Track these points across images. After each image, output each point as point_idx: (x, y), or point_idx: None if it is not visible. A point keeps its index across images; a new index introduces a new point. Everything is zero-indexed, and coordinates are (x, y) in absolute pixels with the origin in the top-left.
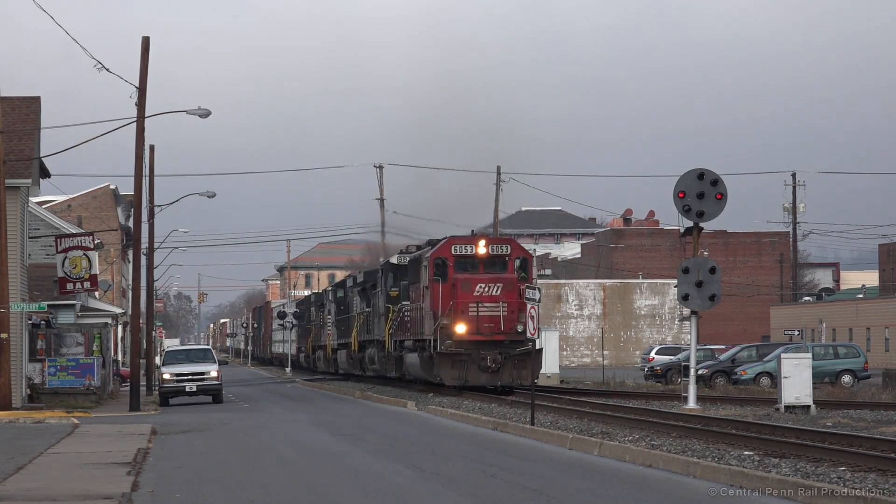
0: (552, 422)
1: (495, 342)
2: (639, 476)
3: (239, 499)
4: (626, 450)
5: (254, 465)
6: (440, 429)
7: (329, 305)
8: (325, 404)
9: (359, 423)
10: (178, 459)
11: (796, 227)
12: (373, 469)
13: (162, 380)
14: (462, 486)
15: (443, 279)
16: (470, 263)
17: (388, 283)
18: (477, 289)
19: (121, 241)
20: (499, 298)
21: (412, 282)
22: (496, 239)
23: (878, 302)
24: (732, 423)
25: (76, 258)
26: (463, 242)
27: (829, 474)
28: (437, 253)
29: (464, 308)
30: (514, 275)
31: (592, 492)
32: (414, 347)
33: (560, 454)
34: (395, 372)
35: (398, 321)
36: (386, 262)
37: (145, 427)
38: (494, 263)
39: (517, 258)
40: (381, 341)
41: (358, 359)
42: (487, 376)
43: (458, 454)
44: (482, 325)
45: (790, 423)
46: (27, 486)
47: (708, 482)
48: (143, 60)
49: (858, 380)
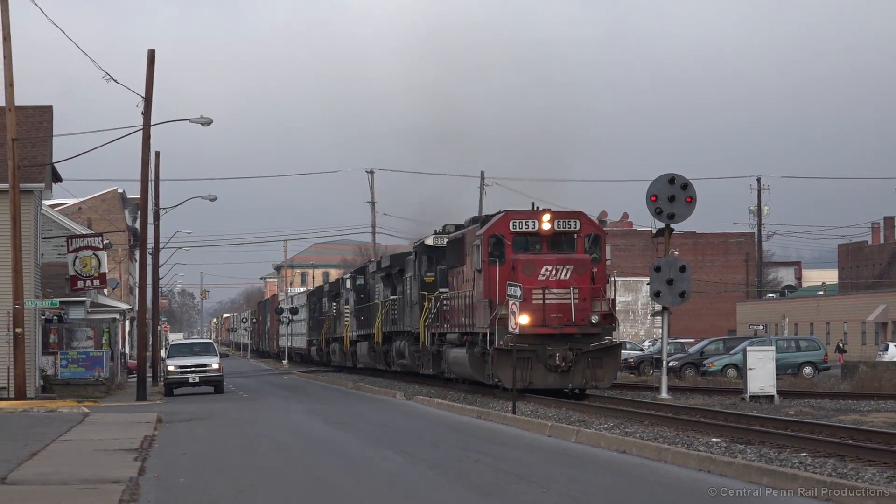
0: (532, 410)
1: (565, 336)
2: (613, 461)
3: (239, 483)
4: (602, 437)
5: (253, 451)
6: (427, 417)
7: (347, 294)
8: (319, 394)
9: (351, 412)
10: (181, 446)
11: (761, 228)
12: (364, 455)
13: (167, 371)
14: (448, 470)
15: (500, 261)
16: (532, 242)
17: (421, 268)
18: (542, 272)
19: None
20: (568, 283)
21: (452, 265)
22: (563, 213)
23: (837, 298)
24: (701, 412)
25: (86, 258)
26: (523, 217)
27: (791, 459)
28: (493, 229)
29: (526, 295)
30: (585, 255)
31: (570, 476)
32: (460, 342)
33: (540, 441)
34: (431, 369)
35: (435, 311)
36: (419, 244)
37: (151, 416)
38: (561, 242)
39: (587, 235)
40: (414, 333)
41: (382, 352)
42: (556, 377)
43: (444, 441)
44: (549, 315)
45: (755, 411)
46: (41, 471)
47: (678, 467)
48: (149, 72)
49: (819, 371)
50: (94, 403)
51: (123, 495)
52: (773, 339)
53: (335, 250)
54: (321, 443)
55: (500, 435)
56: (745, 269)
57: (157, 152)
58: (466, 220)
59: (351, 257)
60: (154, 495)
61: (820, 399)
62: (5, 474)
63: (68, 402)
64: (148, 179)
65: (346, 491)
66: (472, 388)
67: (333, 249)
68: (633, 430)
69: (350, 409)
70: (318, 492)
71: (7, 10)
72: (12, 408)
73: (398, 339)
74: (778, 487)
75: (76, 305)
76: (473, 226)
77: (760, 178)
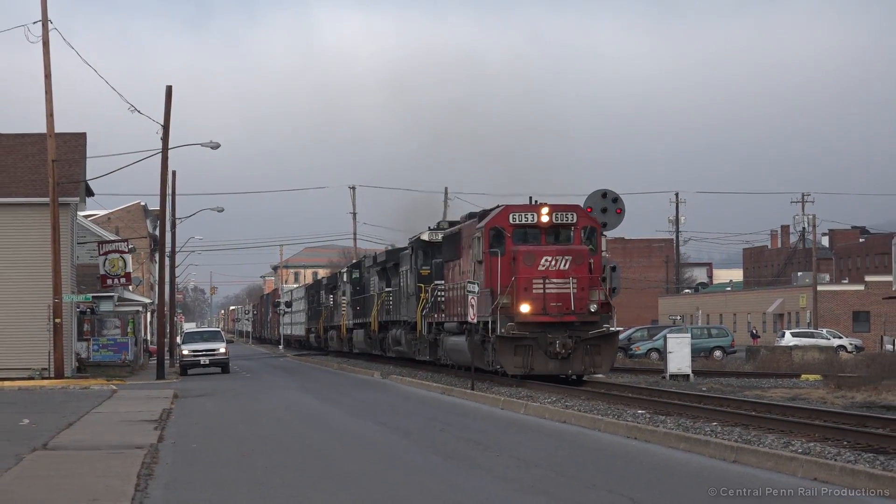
0: (488, 388)
1: (564, 324)
2: (555, 430)
3: (241, 447)
4: (546, 409)
5: (254, 421)
6: (400, 393)
7: (343, 286)
8: (309, 374)
9: (337, 389)
10: (194, 417)
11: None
12: (348, 425)
13: (182, 355)
14: (418, 438)
15: (501, 252)
16: (531, 234)
17: (417, 262)
18: (542, 262)
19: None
20: (567, 273)
21: (448, 259)
22: (561, 206)
23: (742, 294)
24: (629, 389)
25: (114, 260)
26: (522, 210)
27: (703, 428)
28: (493, 222)
29: (527, 284)
30: (583, 246)
31: (519, 442)
32: (458, 330)
33: (494, 413)
34: (427, 356)
35: (432, 302)
36: (416, 239)
37: (168, 392)
38: (558, 234)
39: (584, 227)
40: (410, 322)
41: (378, 339)
42: (556, 364)
43: (414, 413)
44: (549, 304)
45: (674, 388)
46: (76, 438)
47: (610, 435)
48: (167, 104)
49: (727, 354)
50: (120, 382)
51: (146, 458)
52: (688, 327)
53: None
54: (311, 415)
55: (461, 408)
56: (665, 268)
57: (174, 171)
58: (462, 217)
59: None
60: (171, 459)
61: (728, 377)
62: (47, 440)
63: (99, 381)
64: (166, 194)
65: (332, 455)
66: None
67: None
68: (571, 403)
69: (335, 386)
70: (308, 455)
71: (48, 53)
72: (52, 385)
73: (394, 327)
74: (693, 452)
75: (106, 300)
76: (470, 221)
77: (678, 193)
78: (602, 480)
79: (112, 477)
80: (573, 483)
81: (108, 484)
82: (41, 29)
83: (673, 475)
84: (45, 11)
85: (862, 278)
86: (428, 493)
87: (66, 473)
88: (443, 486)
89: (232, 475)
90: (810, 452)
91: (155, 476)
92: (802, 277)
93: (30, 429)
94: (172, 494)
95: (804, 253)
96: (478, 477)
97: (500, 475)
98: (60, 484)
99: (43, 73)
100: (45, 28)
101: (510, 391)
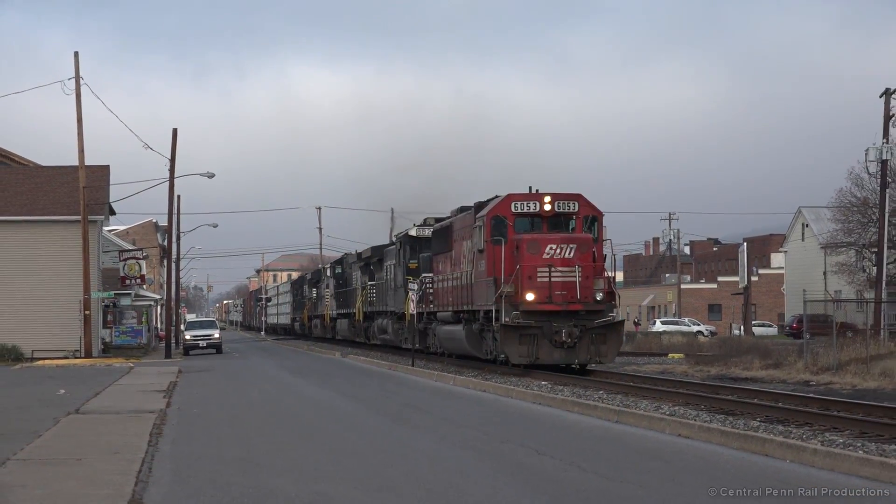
0: (425, 365)
1: (570, 313)
2: (476, 397)
3: (232, 412)
4: (470, 381)
5: (241, 391)
6: (356, 369)
7: (327, 280)
8: (285, 354)
9: (306, 366)
10: (194, 388)
11: None
12: (314, 393)
13: (185, 339)
14: (369, 404)
15: (503, 241)
16: (532, 223)
17: (405, 256)
18: (547, 251)
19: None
20: (573, 262)
21: (438, 251)
22: (563, 195)
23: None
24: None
25: (131, 264)
26: (524, 199)
27: (593, 395)
28: (495, 211)
29: (532, 273)
30: (587, 235)
31: (448, 406)
32: (454, 319)
33: (430, 384)
34: (419, 344)
35: (421, 293)
36: (403, 235)
37: (174, 368)
38: (560, 222)
39: (585, 216)
40: (398, 313)
41: (363, 328)
42: (562, 353)
43: (366, 385)
44: (554, 292)
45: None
46: (102, 405)
47: (520, 401)
48: (173, 143)
49: None
50: (136, 360)
51: (156, 419)
52: None
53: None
54: (285, 385)
55: (403, 380)
56: None
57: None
58: (452, 211)
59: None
60: (176, 420)
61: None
62: (79, 406)
63: (120, 360)
64: (172, 213)
65: (302, 416)
66: (463, 361)
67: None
68: (490, 377)
69: (306, 364)
70: (283, 416)
71: (80, 103)
72: (83, 363)
73: (378, 317)
74: (585, 414)
75: (125, 296)
76: (462, 214)
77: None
78: (514, 436)
79: (130, 435)
80: (491, 439)
81: (126, 440)
82: (74, 84)
83: (568, 432)
84: (78, 70)
85: (715, 278)
86: (377, 446)
87: (94, 431)
88: (389, 439)
89: (224, 431)
90: (675, 414)
91: (163, 434)
92: (669, 278)
93: (65, 397)
94: (177, 448)
95: (671, 259)
96: (419, 434)
97: (435, 432)
98: (89, 440)
99: (76, 118)
100: (78, 83)
101: (442, 367)
